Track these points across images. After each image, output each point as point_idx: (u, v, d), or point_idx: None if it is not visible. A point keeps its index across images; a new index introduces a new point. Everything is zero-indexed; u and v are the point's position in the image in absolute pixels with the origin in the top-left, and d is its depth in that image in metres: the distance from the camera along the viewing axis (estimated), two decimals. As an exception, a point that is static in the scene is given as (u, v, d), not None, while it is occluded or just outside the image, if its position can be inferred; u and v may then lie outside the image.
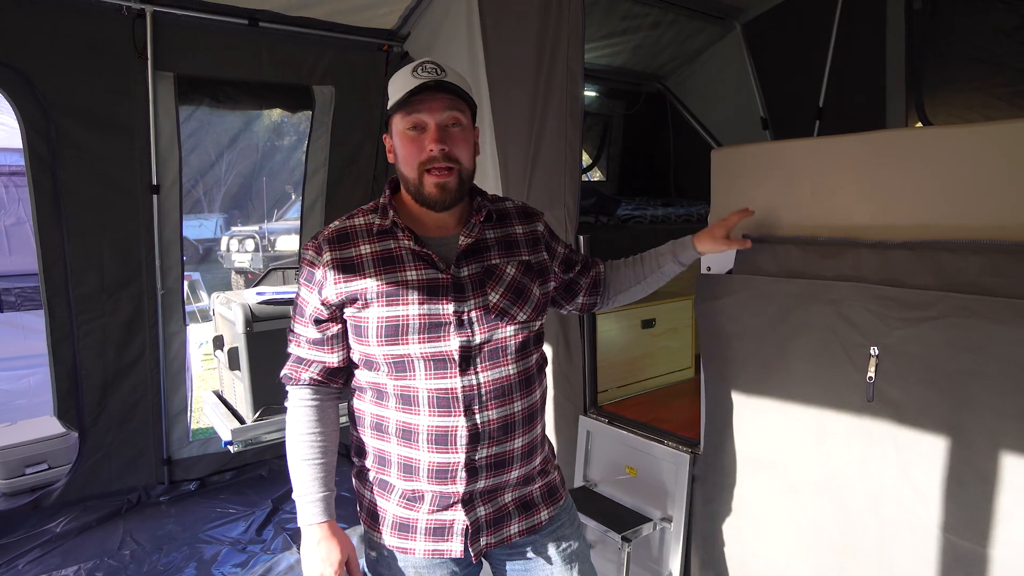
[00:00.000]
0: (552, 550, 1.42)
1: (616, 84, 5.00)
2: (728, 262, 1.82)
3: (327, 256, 1.31)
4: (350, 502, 1.58)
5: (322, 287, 1.31)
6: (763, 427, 1.77)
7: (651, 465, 2.16)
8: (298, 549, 2.96)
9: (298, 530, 3.34)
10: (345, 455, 3.41)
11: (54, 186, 2.84)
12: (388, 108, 1.30)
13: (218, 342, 2.52)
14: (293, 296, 2.42)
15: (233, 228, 10.58)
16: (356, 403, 1.39)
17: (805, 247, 1.65)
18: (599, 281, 1.61)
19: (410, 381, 1.28)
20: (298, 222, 11.04)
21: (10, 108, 3.96)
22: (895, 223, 1.53)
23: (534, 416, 1.38)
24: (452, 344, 1.27)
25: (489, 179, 2.83)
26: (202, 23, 2.94)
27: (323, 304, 1.31)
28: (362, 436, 1.39)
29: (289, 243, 9.92)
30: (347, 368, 1.39)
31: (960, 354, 1.37)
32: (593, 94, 5.03)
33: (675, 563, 2.09)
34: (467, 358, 1.28)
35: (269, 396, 2.33)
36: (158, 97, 2.95)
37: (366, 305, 1.28)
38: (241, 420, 2.35)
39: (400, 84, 1.27)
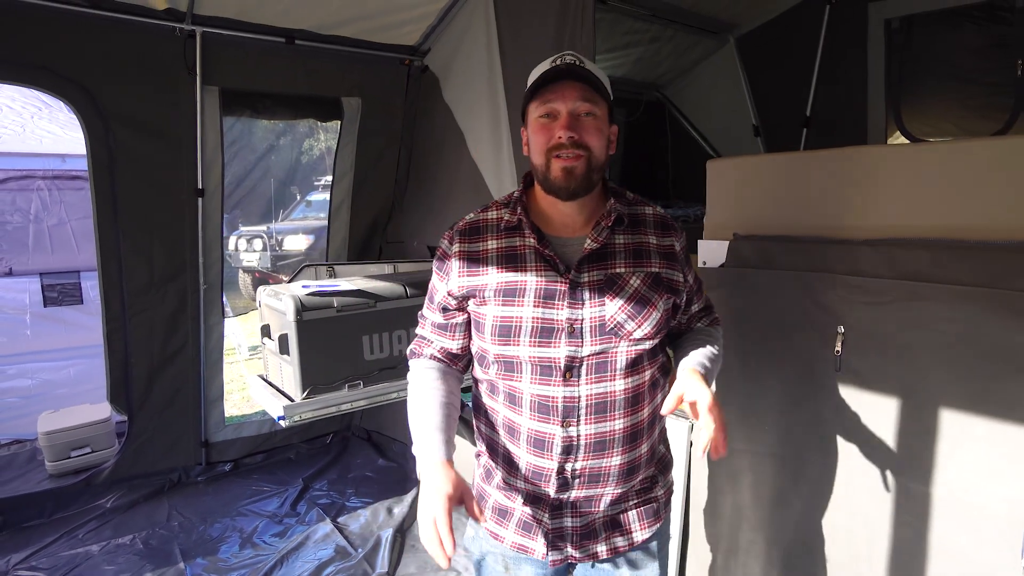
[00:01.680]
0: (629, 573, 1.41)
1: (618, 93, 5.24)
2: (721, 256, 2.13)
3: (456, 248, 1.34)
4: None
5: (449, 278, 1.34)
6: (750, 396, 2.07)
7: (654, 435, 2.46)
8: (331, 521, 3.28)
9: (329, 505, 3.63)
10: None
11: (112, 190, 3.11)
12: (525, 96, 1.29)
13: (265, 330, 2.79)
14: (334, 289, 2.72)
15: (241, 228, 10.81)
16: (476, 391, 1.43)
17: (785, 243, 1.95)
18: (682, 334, 1.50)
19: (516, 383, 1.29)
20: (304, 222, 11.15)
21: (52, 117, 4.28)
22: (858, 224, 1.83)
23: (638, 435, 1.32)
24: (560, 352, 1.24)
25: (506, 184, 3.13)
26: (245, 42, 3.23)
27: (449, 295, 1.35)
28: (478, 424, 1.43)
29: (296, 243, 10.18)
30: (466, 356, 1.42)
31: (909, 330, 1.68)
32: (595, 102, 5.33)
33: (676, 520, 2.39)
34: (571, 368, 1.25)
35: (316, 377, 2.61)
36: (205, 109, 3.23)
37: (484, 302, 1.29)
38: (290, 399, 2.63)
39: (538, 72, 1.27)
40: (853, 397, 1.81)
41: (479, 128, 3.34)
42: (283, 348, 2.62)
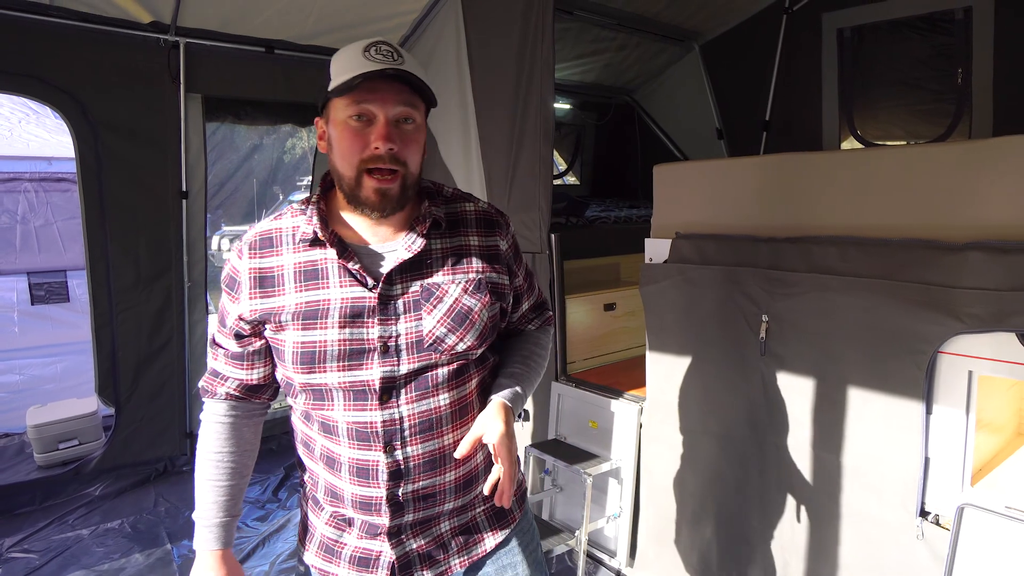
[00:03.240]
0: None
1: (589, 97, 5.49)
2: (665, 253, 2.34)
3: (246, 264, 1.15)
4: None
5: (240, 300, 1.16)
6: (689, 379, 2.28)
7: (609, 418, 2.67)
8: (311, 506, 3.45)
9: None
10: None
11: (100, 193, 3.27)
12: (329, 89, 1.09)
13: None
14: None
15: (224, 227, 10.90)
16: (292, 416, 1.27)
17: (719, 241, 2.16)
18: (511, 335, 1.41)
19: (328, 412, 1.15)
20: (288, 222, 11.36)
21: (40, 122, 4.42)
22: (781, 223, 2.05)
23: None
24: (374, 374, 1.11)
25: (475, 186, 3.32)
26: (227, 52, 3.41)
27: (240, 319, 1.16)
28: (297, 451, 1.28)
29: (278, 242, 10.29)
30: (271, 385, 1.25)
31: (820, 318, 1.90)
32: (568, 106, 5.52)
33: (627, 498, 2.60)
34: (389, 389, 1.12)
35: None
36: (188, 115, 3.40)
37: (281, 327, 1.13)
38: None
39: (347, 63, 1.07)
40: (776, 379, 2.02)
41: (450, 133, 3.53)
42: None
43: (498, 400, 1.20)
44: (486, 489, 1.16)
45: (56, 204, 4.49)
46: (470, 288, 1.17)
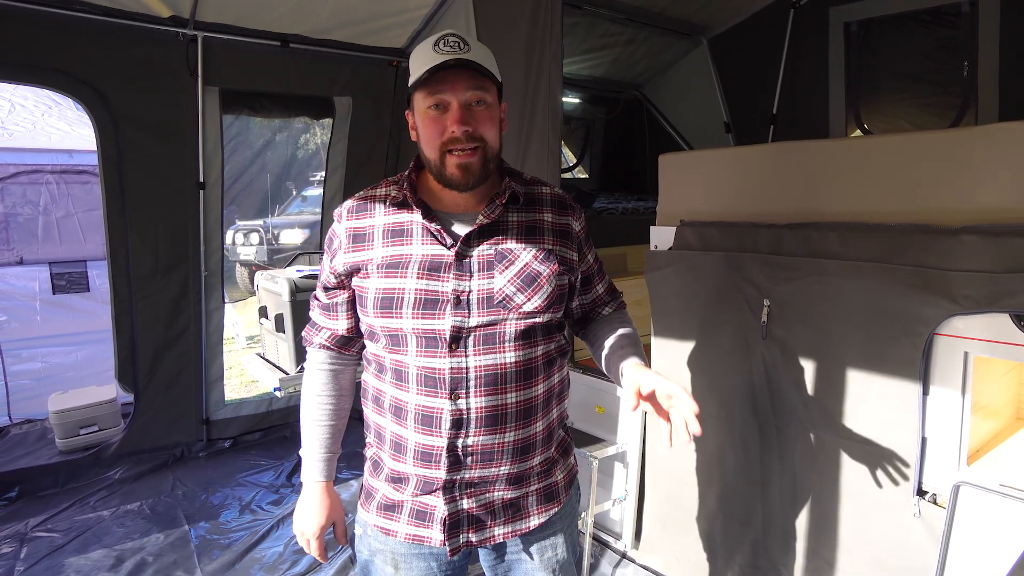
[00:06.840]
0: (536, 555, 1.38)
1: (597, 92, 5.55)
2: (669, 241, 2.39)
3: (344, 224, 1.31)
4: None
5: (335, 255, 1.32)
6: (692, 363, 2.34)
7: (615, 403, 2.73)
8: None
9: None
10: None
11: (120, 183, 3.36)
12: (409, 85, 1.24)
13: (263, 311, 3.05)
14: (326, 272, 2.99)
15: (238, 222, 11.00)
16: (363, 375, 1.39)
17: (721, 228, 2.22)
18: (590, 319, 1.54)
19: (402, 356, 1.26)
20: (300, 216, 11.37)
21: (61, 114, 4.52)
22: (783, 210, 2.10)
23: (532, 412, 1.29)
24: (445, 323, 1.22)
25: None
26: (243, 45, 3.48)
27: (332, 272, 1.33)
28: (365, 410, 1.39)
29: (292, 236, 10.41)
30: (358, 340, 1.39)
31: (821, 302, 1.95)
32: (577, 101, 5.57)
33: (632, 481, 2.66)
34: (458, 339, 1.22)
35: (309, 352, 2.88)
36: (206, 108, 3.48)
37: (367, 275, 1.27)
38: (285, 373, 2.89)
39: (421, 59, 1.20)
40: (777, 362, 2.07)
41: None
42: (279, 326, 2.88)
43: (631, 363, 1.33)
44: (674, 439, 1.25)
45: (77, 196, 4.59)
46: (540, 256, 1.29)
